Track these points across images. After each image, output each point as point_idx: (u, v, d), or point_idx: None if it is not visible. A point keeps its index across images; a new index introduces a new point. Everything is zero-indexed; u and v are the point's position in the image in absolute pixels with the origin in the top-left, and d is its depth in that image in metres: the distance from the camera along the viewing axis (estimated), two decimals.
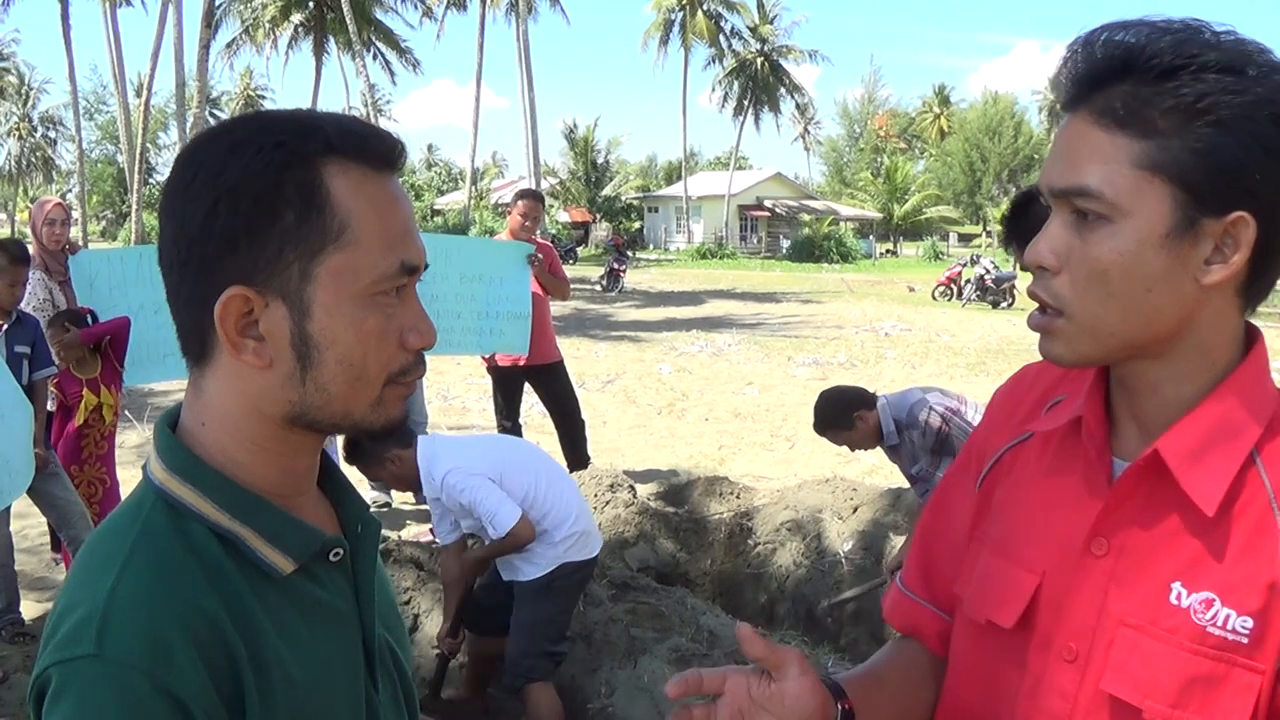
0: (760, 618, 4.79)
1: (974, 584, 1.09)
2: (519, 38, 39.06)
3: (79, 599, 0.82)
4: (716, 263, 42.51)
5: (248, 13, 41.14)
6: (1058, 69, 0.95)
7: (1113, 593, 0.97)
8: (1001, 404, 1.18)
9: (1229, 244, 0.90)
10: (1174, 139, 0.88)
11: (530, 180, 38.45)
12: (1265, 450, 0.94)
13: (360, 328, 0.86)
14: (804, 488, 5.62)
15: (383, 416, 0.90)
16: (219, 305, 0.83)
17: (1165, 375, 0.96)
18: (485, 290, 5.92)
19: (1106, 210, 0.90)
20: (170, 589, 0.82)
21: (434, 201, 54.75)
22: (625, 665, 3.58)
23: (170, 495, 0.87)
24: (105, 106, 54.47)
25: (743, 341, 15.73)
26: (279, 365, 0.86)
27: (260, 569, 0.87)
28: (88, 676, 0.77)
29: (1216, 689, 0.91)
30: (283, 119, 0.87)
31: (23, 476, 3.74)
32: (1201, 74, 0.87)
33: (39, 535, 5.47)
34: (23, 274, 4.39)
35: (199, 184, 0.84)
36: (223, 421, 0.89)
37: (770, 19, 52.47)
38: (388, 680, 0.99)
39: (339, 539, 0.94)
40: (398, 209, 0.89)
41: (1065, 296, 0.94)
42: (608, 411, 9.92)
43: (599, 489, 5.61)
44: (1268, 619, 0.90)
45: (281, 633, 0.86)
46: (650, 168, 72.15)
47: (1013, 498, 1.09)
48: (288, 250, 0.84)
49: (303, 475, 0.95)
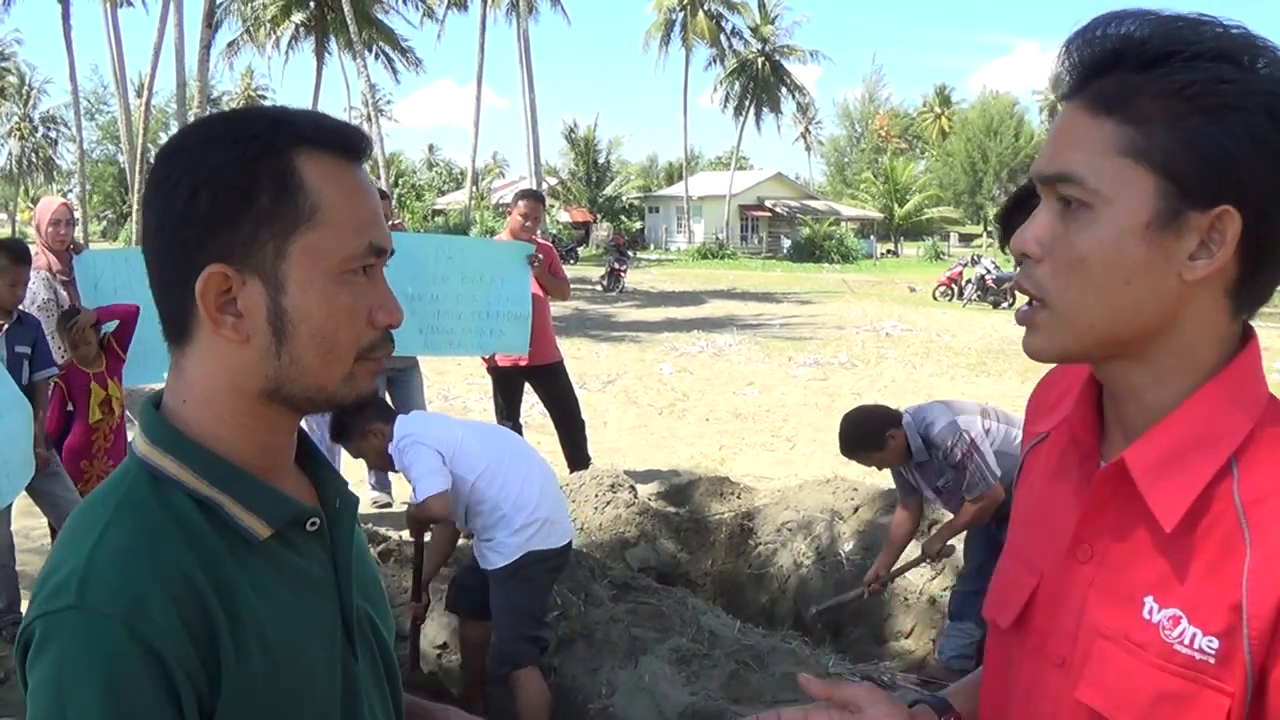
0: (761, 618, 4.79)
1: (993, 583, 1.09)
2: (520, 38, 39.05)
3: (64, 558, 0.87)
4: (717, 263, 42.50)
5: (249, 12, 41.14)
6: (1057, 60, 0.93)
7: (1092, 601, 0.95)
8: (1031, 402, 1.17)
9: (1215, 239, 0.86)
10: (1160, 126, 0.85)
11: (531, 180, 38.45)
12: (1244, 460, 0.89)
13: (332, 303, 0.92)
14: (805, 488, 5.62)
15: (353, 390, 0.96)
16: (200, 281, 0.89)
17: (1147, 378, 0.93)
18: (485, 290, 5.92)
19: (1088, 197, 0.88)
20: (150, 549, 0.87)
21: (434, 201, 54.72)
22: (626, 665, 3.59)
23: (152, 465, 0.92)
24: (106, 106, 54.45)
25: (743, 342, 15.73)
26: (256, 340, 0.91)
27: (239, 534, 0.92)
28: (69, 626, 0.83)
29: (1185, 708, 0.88)
30: (257, 113, 0.95)
31: (21, 476, 3.74)
32: (1194, 62, 0.85)
33: (41, 535, 5.47)
34: (24, 274, 4.38)
35: (179, 174, 0.90)
36: (202, 398, 0.94)
37: (771, 19, 52.45)
38: (366, 649, 1.04)
39: (315, 509, 0.99)
40: (365, 195, 0.95)
41: (1046, 285, 0.92)
42: (608, 412, 9.92)
43: (600, 489, 5.61)
44: (1233, 640, 0.86)
45: (260, 594, 0.91)
46: (651, 168, 72.11)
47: (1025, 498, 1.09)
48: (263, 230, 0.90)
49: (280, 451, 1.00)
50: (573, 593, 4.00)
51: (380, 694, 1.05)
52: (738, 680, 3.49)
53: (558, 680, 3.66)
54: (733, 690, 3.44)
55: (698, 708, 3.27)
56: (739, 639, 3.83)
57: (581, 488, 5.66)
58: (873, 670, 3.83)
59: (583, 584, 4.11)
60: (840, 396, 10.94)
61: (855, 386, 11.61)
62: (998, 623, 1.05)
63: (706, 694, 3.37)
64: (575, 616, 3.89)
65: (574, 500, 5.56)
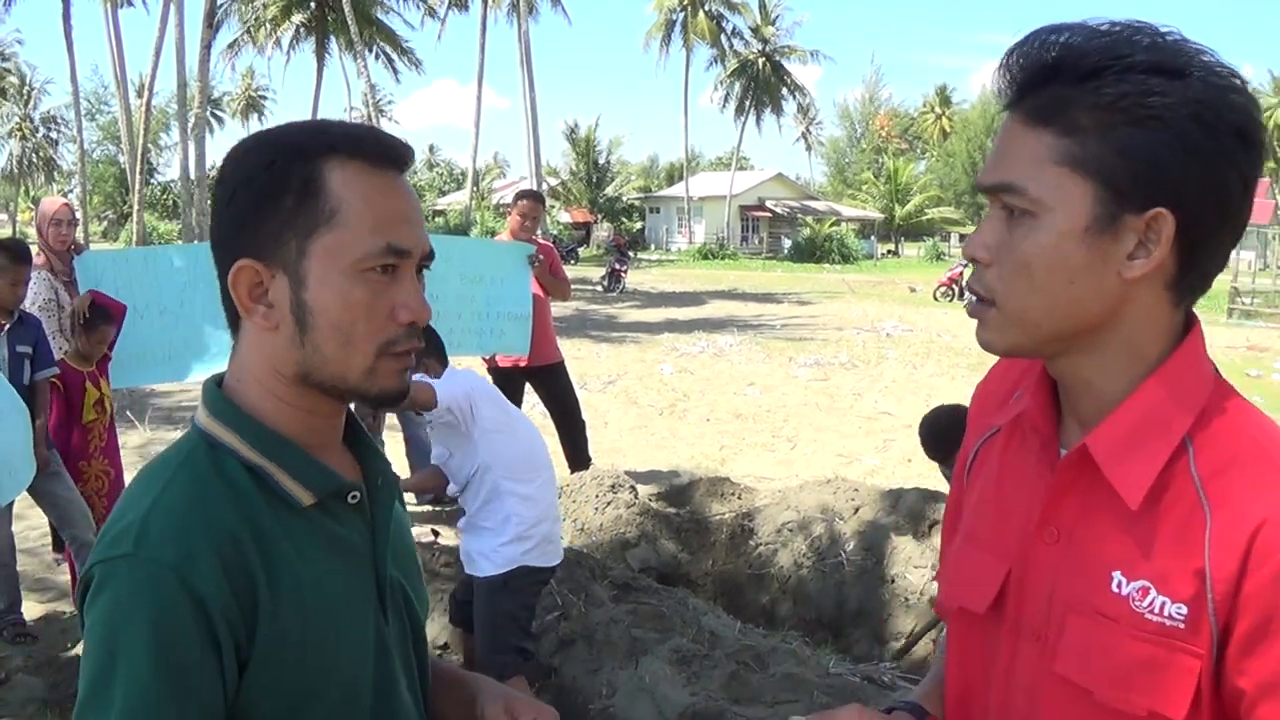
0: (761, 618, 4.78)
1: (947, 575, 1.15)
2: (520, 38, 39.04)
3: (124, 512, 0.96)
4: (718, 263, 42.50)
5: (249, 13, 41.14)
6: (996, 73, 0.98)
7: (1061, 579, 1.01)
8: (978, 399, 1.23)
9: (1151, 239, 0.92)
10: (1094, 137, 0.90)
11: (532, 180, 38.44)
12: (1197, 439, 0.96)
13: (347, 298, 0.99)
14: (805, 488, 5.61)
15: (376, 385, 1.03)
16: (231, 274, 1.01)
17: (1095, 370, 0.99)
18: (486, 291, 5.92)
19: (1030, 205, 0.93)
20: (202, 508, 0.96)
21: (435, 202, 54.75)
22: (626, 666, 3.58)
23: (210, 435, 1.02)
24: (107, 107, 54.42)
25: (744, 342, 15.73)
26: (283, 329, 1.01)
27: (285, 500, 1.01)
28: (124, 571, 0.92)
29: (1159, 673, 0.94)
30: (300, 126, 1.05)
31: (22, 476, 3.75)
32: (1126, 74, 0.89)
33: (40, 536, 5.47)
34: (24, 273, 4.38)
35: (226, 179, 1.02)
36: (251, 377, 1.04)
37: (772, 19, 52.43)
38: (397, 616, 1.11)
39: (356, 483, 1.08)
40: (390, 200, 1.02)
41: (995, 288, 0.98)
42: (609, 412, 9.92)
43: (600, 489, 5.61)
44: (1199, 607, 0.92)
45: (300, 556, 1.00)
46: (652, 168, 72.10)
47: (983, 488, 1.14)
48: (287, 230, 0.99)
49: (324, 430, 1.08)
50: (573, 593, 4.00)
51: (406, 656, 1.13)
52: (738, 681, 3.49)
53: (558, 681, 3.66)
54: (733, 690, 3.44)
55: (698, 708, 3.26)
56: (739, 639, 3.83)
57: (582, 488, 5.66)
58: (873, 670, 3.83)
59: (583, 584, 4.11)
60: (841, 397, 10.94)
61: (856, 387, 11.61)
62: (970, 608, 1.09)
63: (707, 694, 3.37)
64: (576, 617, 3.89)
65: (574, 500, 5.56)
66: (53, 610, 4.72)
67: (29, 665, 4.02)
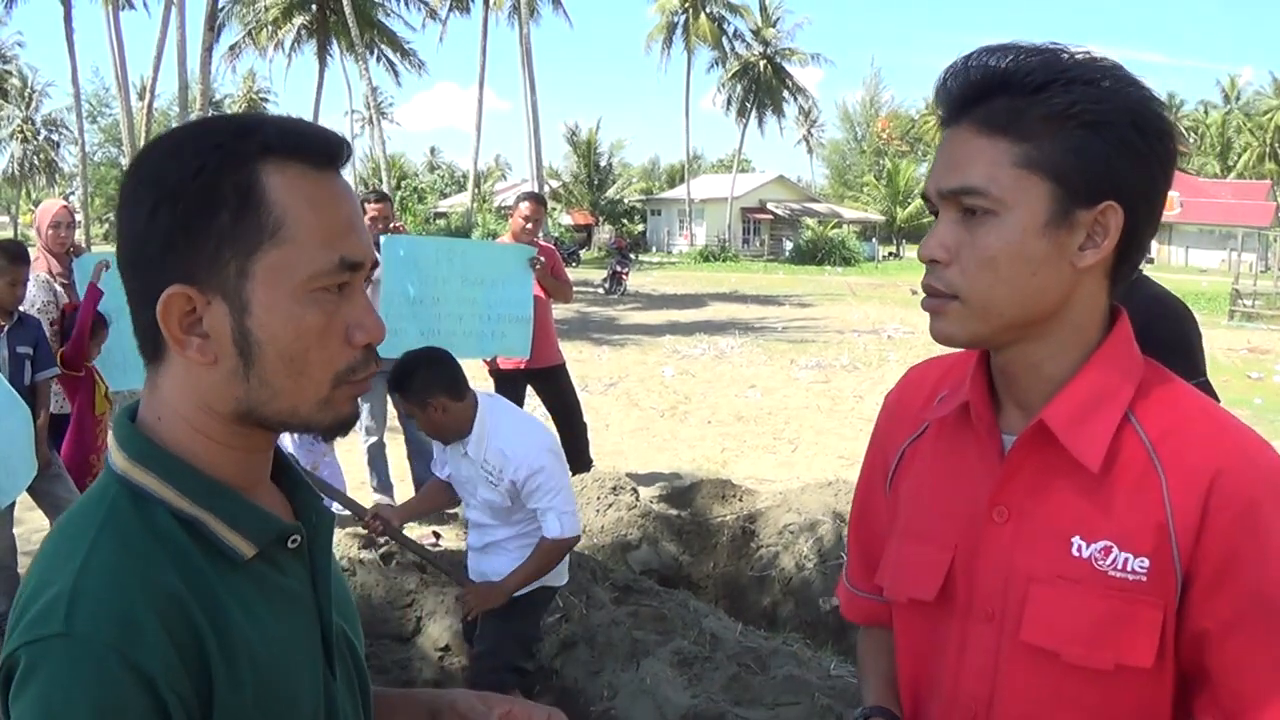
0: (763, 620, 4.78)
1: (890, 571, 1.21)
2: (521, 40, 39.05)
3: (46, 581, 0.83)
4: (719, 265, 42.50)
5: (250, 15, 41.18)
6: (935, 90, 1.08)
7: (1018, 554, 1.08)
8: (895, 405, 1.31)
9: (1099, 231, 1.03)
10: (1048, 140, 1.00)
11: (533, 183, 38.44)
12: (1139, 409, 1.06)
13: (299, 324, 0.87)
14: (807, 490, 5.61)
15: (330, 415, 0.92)
16: (160, 304, 0.85)
17: (1044, 354, 1.08)
18: (487, 294, 5.91)
19: (992, 205, 1.02)
20: (137, 569, 0.83)
21: (436, 204, 54.75)
22: (628, 668, 3.58)
23: (133, 482, 0.88)
24: (108, 109, 54.34)
25: (745, 344, 15.73)
26: (223, 362, 0.88)
27: (223, 553, 0.88)
28: (57, 654, 0.78)
29: (1124, 626, 1.02)
30: (223, 122, 0.90)
31: (22, 477, 3.74)
32: (1069, 86, 1.00)
33: (42, 538, 5.46)
34: (23, 274, 4.38)
35: (142, 188, 0.86)
36: (177, 416, 0.90)
37: (773, 21, 52.45)
38: (344, 666, 1.00)
39: (297, 526, 0.96)
40: (338, 206, 0.89)
41: (958, 283, 1.05)
42: (610, 414, 9.92)
43: (602, 492, 5.60)
44: (1160, 557, 1.01)
45: (246, 614, 0.87)
46: (653, 170, 72.11)
47: (917, 486, 1.20)
48: (225, 249, 0.85)
49: (257, 467, 0.96)
50: (574, 595, 3.99)
51: (355, 711, 1.02)
52: (739, 683, 3.49)
53: (559, 683, 3.65)
54: (734, 692, 3.43)
55: (699, 710, 3.26)
56: (741, 641, 3.83)
57: (583, 490, 5.65)
58: None
59: (584, 586, 4.10)
60: (842, 399, 10.94)
61: (857, 389, 11.60)
62: (918, 598, 1.15)
63: (708, 696, 3.36)
64: (577, 619, 3.88)
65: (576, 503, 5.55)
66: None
67: None
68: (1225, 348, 15.74)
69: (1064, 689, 1.05)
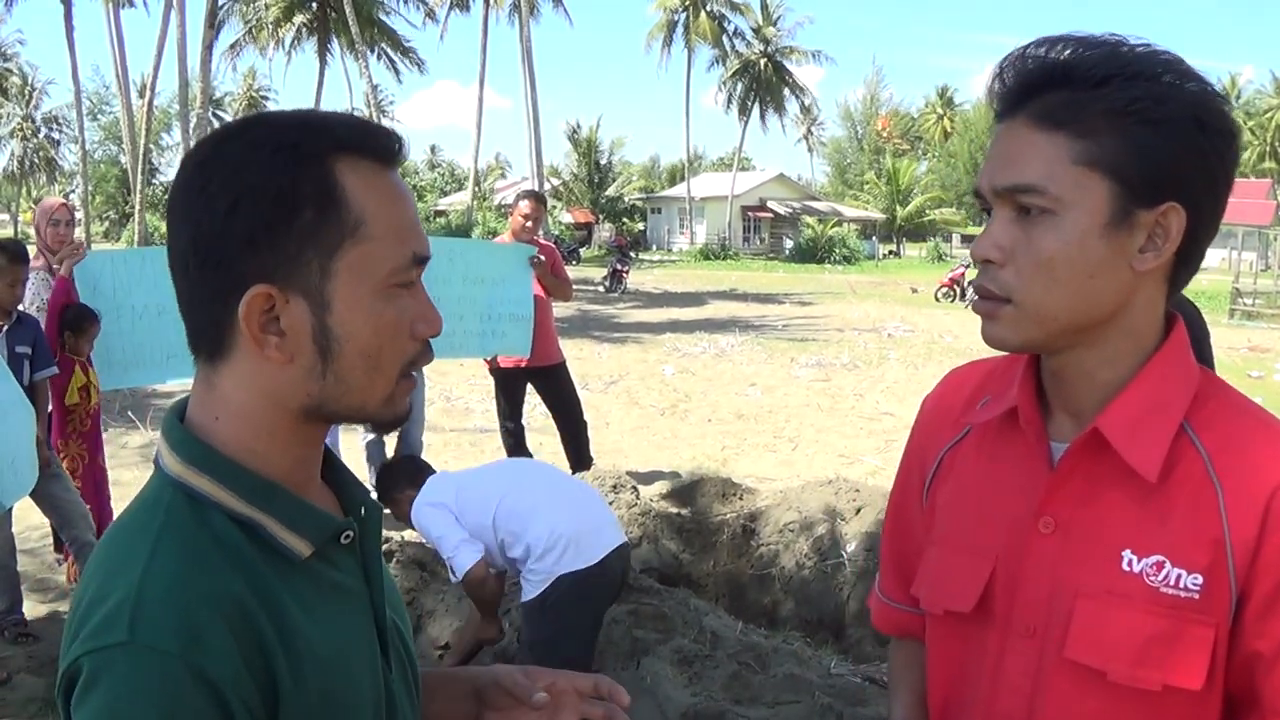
0: (763, 619, 4.78)
1: (927, 580, 1.16)
2: (522, 39, 39.05)
3: (109, 588, 0.81)
4: (719, 264, 42.50)
5: (250, 13, 41.18)
6: (990, 82, 1.02)
7: (1065, 567, 1.02)
8: (933, 410, 1.24)
9: (1160, 234, 0.97)
10: (1109, 137, 0.95)
11: (533, 181, 38.45)
12: (1195, 420, 1.01)
13: (379, 320, 0.88)
14: (807, 489, 5.60)
15: (391, 411, 0.93)
16: (244, 303, 0.84)
17: (1099, 360, 1.03)
18: (487, 292, 5.91)
19: (1050, 204, 0.97)
20: (199, 575, 0.82)
21: (437, 202, 54.74)
22: (628, 666, 3.58)
23: (189, 486, 0.87)
24: (108, 107, 54.36)
25: (746, 343, 15.72)
26: (300, 359, 0.87)
27: (280, 553, 0.88)
28: (121, 664, 0.77)
29: (1174, 645, 0.97)
30: (292, 119, 0.89)
31: (27, 476, 3.74)
32: (1132, 80, 0.95)
33: (41, 537, 5.47)
34: (22, 274, 4.38)
35: (216, 185, 0.85)
36: (239, 415, 0.89)
37: (774, 20, 52.44)
38: (398, 660, 1.01)
39: (349, 521, 0.96)
40: (405, 202, 0.91)
41: (1013, 285, 1.00)
42: (611, 413, 9.92)
43: (602, 490, 5.59)
44: (1215, 574, 0.96)
45: (306, 614, 0.87)
46: (653, 168, 72.04)
47: (957, 493, 1.15)
48: (308, 247, 0.85)
49: (312, 464, 0.96)
50: None
51: (410, 702, 1.02)
52: (740, 681, 3.49)
53: None
54: (734, 691, 3.43)
55: (699, 708, 3.26)
56: (741, 640, 3.83)
57: None
58: (874, 671, 3.82)
59: None
60: (843, 398, 10.93)
61: (858, 388, 11.60)
62: (955, 610, 1.10)
63: (708, 695, 3.36)
64: None
65: None
66: (54, 610, 4.72)
67: (30, 665, 4.02)
68: (1226, 346, 15.73)
69: (1107, 710, 1.00)
